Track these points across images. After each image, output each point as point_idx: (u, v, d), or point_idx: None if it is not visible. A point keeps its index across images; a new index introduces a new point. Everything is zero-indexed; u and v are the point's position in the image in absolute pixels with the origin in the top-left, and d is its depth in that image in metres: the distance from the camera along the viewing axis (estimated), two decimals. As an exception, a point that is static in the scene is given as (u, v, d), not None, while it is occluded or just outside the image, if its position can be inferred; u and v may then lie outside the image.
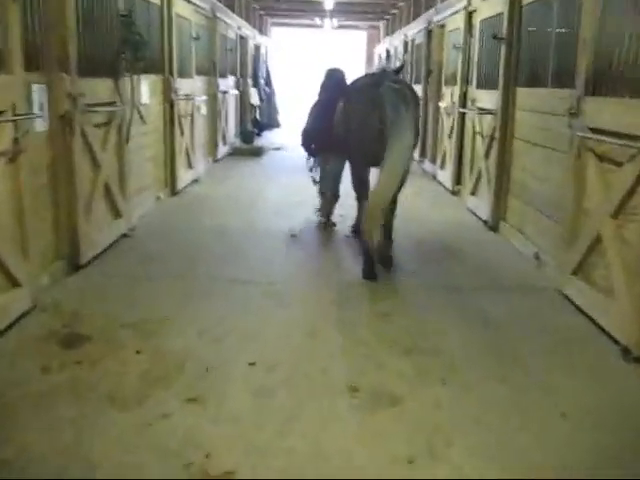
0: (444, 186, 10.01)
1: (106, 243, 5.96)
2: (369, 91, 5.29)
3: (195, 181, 9.83)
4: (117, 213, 6.28)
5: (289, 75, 28.72)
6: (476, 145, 8.18)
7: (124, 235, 6.45)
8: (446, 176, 9.91)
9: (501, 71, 7.01)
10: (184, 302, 4.68)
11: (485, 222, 7.41)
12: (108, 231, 6.03)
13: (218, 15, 11.67)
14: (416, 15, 14.94)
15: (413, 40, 14.11)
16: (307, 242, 6.56)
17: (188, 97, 9.27)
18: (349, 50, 28.47)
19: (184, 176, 9.18)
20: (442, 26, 10.91)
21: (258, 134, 17.17)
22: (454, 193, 9.42)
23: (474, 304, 4.88)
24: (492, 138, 7.38)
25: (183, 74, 9.08)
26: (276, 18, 22.98)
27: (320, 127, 6.74)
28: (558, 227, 5.36)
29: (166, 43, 8.24)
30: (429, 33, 12.11)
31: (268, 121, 19.67)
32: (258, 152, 13.43)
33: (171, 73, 8.38)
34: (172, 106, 8.47)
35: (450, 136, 9.80)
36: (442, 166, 10.41)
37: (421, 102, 12.21)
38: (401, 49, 15.93)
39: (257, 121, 17.23)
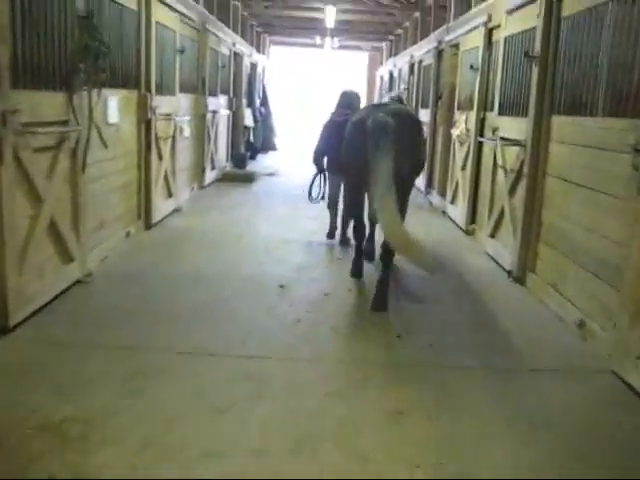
0: (456, 223, 8.90)
1: (50, 295, 4.83)
2: (359, 123, 5.29)
3: (176, 211, 8.72)
4: (68, 256, 5.15)
5: (287, 96, 27.76)
6: (497, 180, 7.09)
7: (78, 282, 5.32)
8: (458, 213, 8.80)
9: (532, 96, 5.93)
10: (126, 390, 3.52)
11: (509, 272, 6.28)
12: (53, 280, 4.89)
13: (209, 28, 10.62)
14: (424, 35, 13.94)
15: (420, 61, 13.09)
16: (299, 297, 5.41)
17: (169, 117, 8.17)
18: (350, 72, 27.54)
19: (162, 206, 8.06)
20: (455, 45, 9.87)
21: (252, 157, 16.12)
22: (468, 233, 8.31)
23: (513, 396, 3.74)
24: (519, 174, 6.28)
25: (164, 91, 7.99)
26: (275, 36, 22.02)
27: (330, 147, 6.85)
28: (615, 293, 4.24)
29: (143, 54, 7.15)
30: (439, 53, 11.10)
31: (263, 144, 18.61)
32: (250, 178, 12.34)
33: (148, 89, 7.28)
34: (149, 127, 7.36)
35: (463, 168, 8.71)
36: (453, 201, 9.31)
37: (428, 128, 11.23)
38: (406, 71, 14.92)
39: (251, 144, 16.15)
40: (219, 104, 12.11)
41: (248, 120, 15.67)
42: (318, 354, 4.21)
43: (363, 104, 7.67)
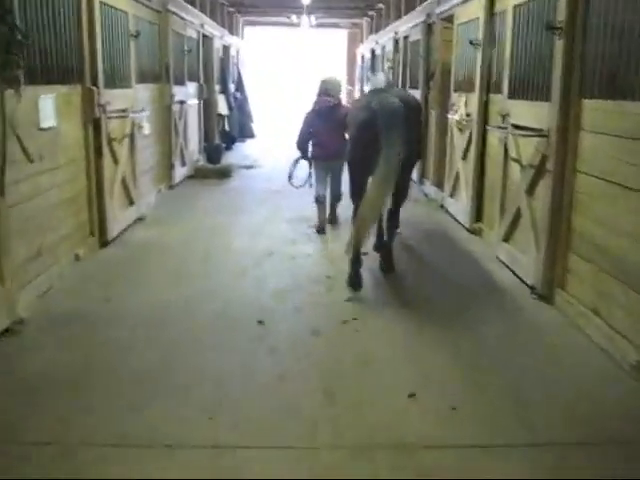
0: (457, 220, 7.85)
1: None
2: (366, 106, 5.31)
3: (139, 220, 7.62)
4: (-13, 301, 4.06)
5: (264, 79, 26.51)
6: (510, 176, 6.05)
7: (6, 331, 4.25)
8: (460, 209, 7.76)
9: (556, 75, 4.87)
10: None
11: (532, 288, 5.26)
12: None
13: (171, 8, 9.46)
14: (409, 8, 12.79)
15: (406, 37, 11.98)
16: (281, 338, 4.35)
17: (124, 113, 7.04)
18: (329, 51, 26.33)
19: (120, 218, 6.97)
20: (448, 18, 8.79)
21: (228, 147, 14.98)
22: (473, 232, 7.27)
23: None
24: (540, 170, 5.25)
25: (115, 83, 6.87)
26: (248, 16, 20.75)
27: (311, 135, 7.19)
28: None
29: (86, 42, 6.01)
30: (429, 28, 10.01)
31: (240, 131, 17.46)
32: (225, 173, 11.21)
33: (95, 82, 6.16)
34: (98, 127, 6.24)
35: (464, 158, 7.66)
36: (453, 194, 8.26)
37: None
38: (390, 48, 13.80)
39: (226, 133, 15.00)
40: (187, 93, 10.96)
41: (222, 108, 14.53)
42: (308, 436, 3.16)
43: (344, 87, 8.06)
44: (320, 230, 7.33)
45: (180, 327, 4.46)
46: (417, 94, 10.47)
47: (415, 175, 10.58)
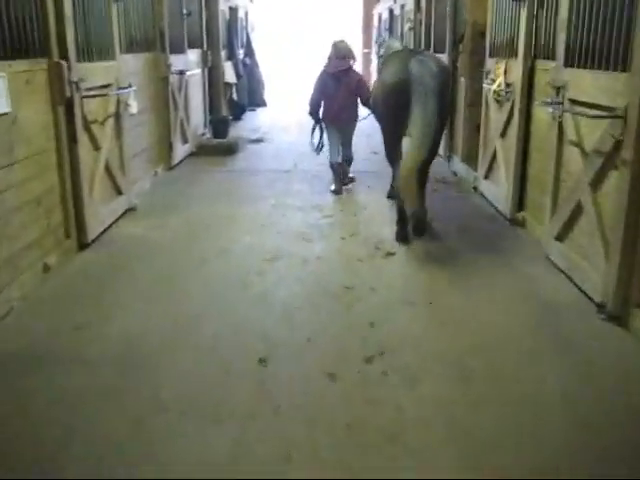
0: (495, 207, 6.81)
1: None
2: (399, 65, 5.40)
3: (130, 211, 6.64)
4: None
5: (275, 43, 25.23)
6: (567, 162, 4.98)
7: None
8: (499, 194, 6.69)
9: (638, 39, 3.78)
10: None
11: (599, 306, 4.23)
12: None
13: (164, -34, 8.34)
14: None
15: (431, -6, 10.80)
16: (287, 389, 3.37)
17: (105, 89, 6.02)
18: (343, 12, 24.96)
19: (104, 213, 6.00)
20: (481, -30, 7.61)
21: (237, 118, 13.93)
22: (516, 223, 6.23)
23: None
24: (611, 158, 4.18)
25: (94, 54, 5.84)
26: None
27: (326, 98, 7.23)
28: None
29: (50, 5, 4.96)
30: (457, -17, 8.83)
31: (251, 100, 16.37)
32: (231, 149, 10.17)
33: (64, 55, 5.12)
34: (70, 109, 5.23)
35: (503, 135, 6.58)
36: (488, 175, 7.19)
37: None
38: (411, 7, 12.58)
39: (235, 103, 13.91)
40: (188, 61, 9.88)
41: (229, 76, 13.41)
42: None
43: (357, 51, 7.99)
44: (336, 192, 7.50)
45: (156, 376, 3.48)
46: (443, 59, 9.35)
47: (441, 150, 9.52)
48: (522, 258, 5.32)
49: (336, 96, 7.15)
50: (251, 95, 16.49)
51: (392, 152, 5.89)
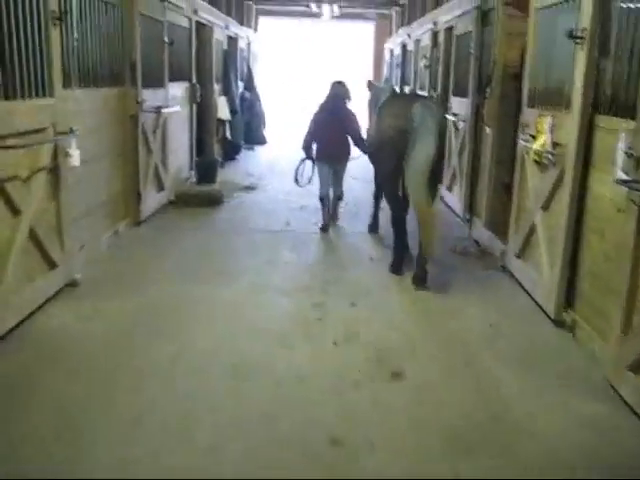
0: (531, 296, 5.35)
1: None
2: (400, 107, 5.79)
3: (69, 287, 5.21)
4: None
5: (280, 76, 24.00)
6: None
7: None
8: (537, 280, 5.25)
9: None
10: None
11: None
12: None
13: (138, -15, 7.01)
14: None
15: (450, 29, 9.49)
16: None
17: (36, 137, 4.61)
18: (353, 45, 23.75)
19: (24, 298, 4.56)
20: (518, 2, 6.25)
21: (231, 158, 12.58)
22: (561, 325, 4.76)
23: None
24: None
25: (16, 90, 4.44)
26: (262, 4, 18.26)
27: (320, 137, 7.40)
28: None
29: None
30: (484, 15, 7.51)
31: (250, 137, 15.04)
32: (215, 199, 8.75)
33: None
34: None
35: (547, 207, 5.15)
36: (523, 253, 5.74)
37: (465, 125, 7.72)
38: (427, 43, 11.27)
39: (228, 142, 12.54)
40: (168, 96, 8.51)
41: (223, 112, 12.06)
42: None
43: (354, 90, 7.82)
44: (324, 228, 7.53)
45: None
46: (464, 103, 8.00)
47: (459, 208, 8.13)
48: (577, 389, 3.85)
49: (328, 133, 7.30)
50: (250, 132, 15.17)
51: (388, 193, 6.23)
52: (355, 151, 7.52)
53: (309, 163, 7.59)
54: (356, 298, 5.26)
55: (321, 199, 7.58)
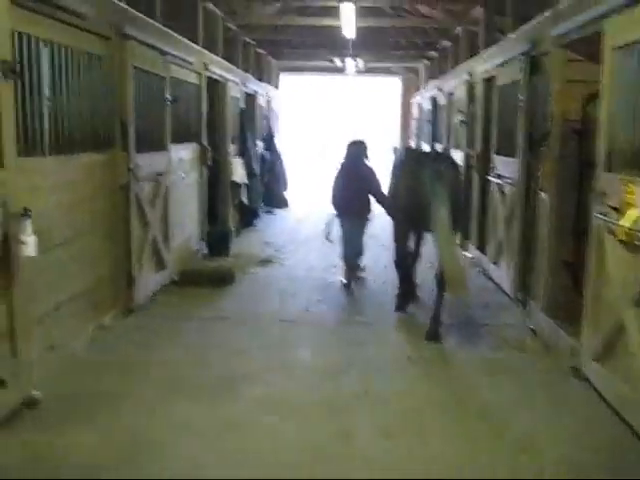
0: (622, 418, 4.07)
1: None
2: (415, 169, 5.96)
3: (26, 407, 4.06)
4: None
5: (303, 135, 23.13)
6: None
7: None
8: (632, 398, 3.96)
9: None
10: None
11: None
12: None
13: (130, 33, 6.02)
14: (491, 40, 9.29)
15: (489, 79, 8.41)
16: None
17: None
18: (379, 100, 22.86)
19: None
20: (581, 43, 5.14)
21: (250, 224, 11.51)
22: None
23: None
24: None
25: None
26: (282, 59, 17.46)
27: (341, 195, 7.45)
28: None
29: None
30: (534, 63, 6.41)
31: (269, 201, 14.01)
32: (224, 278, 7.59)
33: None
34: None
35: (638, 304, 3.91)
36: (606, 358, 4.47)
37: (513, 187, 6.56)
38: (462, 96, 10.19)
39: (244, 207, 11.47)
40: (173, 160, 7.49)
41: (239, 175, 11.03)
42: None
43: (371, 149, 7.81)
44: (346, 286, 7.51)
45: None
46: (513, 164, 6.85)
47: (508, 286, 6.92)
48: None
49: (347, 191, 7.37)
50: (269, 195, 14.16)
51: (398, 249, 6.54)
52: (376, 209, 7.49)
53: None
54: (392, 425, 4.02)
55: (343, 257, 7.61)
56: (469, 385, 4.77)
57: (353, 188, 7.32)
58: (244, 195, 11.36)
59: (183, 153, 8.20)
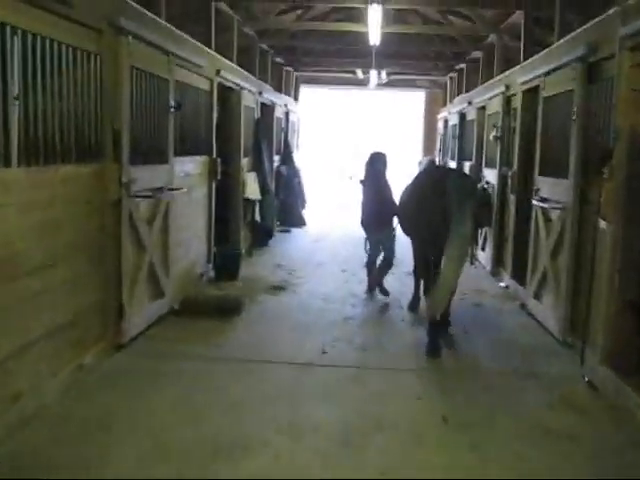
0: None
1: None
2: (436, 183, 5.87)
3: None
4: None
5: (323, 149, 22.31)
6: None
7: None
8: None
9: None
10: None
11: None
12: None
13: (126, 26, 5.20)
14: (529, 51, 8.45)
15: (531, 90, 7.54)
16: None
17: None
18: (401, 116, 22.02)
19: None
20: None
21: (263, 244, 10.68)
22: None
23: None
24: None
25: None
26: (303, 70, 16.67)
27: (364, 206, 7.66)
28: None
29: None
30: (593, 71, 5.53)
31: (285, 219, 13.18)
32: (231, 307, 6.74)
33: None
34: None
35: None
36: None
37: (566, 216, 5.63)
38: (497, 109, 9.32)
39: (258, 225, 10.62)
40: (176, 174, 6.67)
41: (252, 190, 10.18)
42: None
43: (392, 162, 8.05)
44: (369, 291, 7.76)
45: None
46: (562, 187, 5.97)
47: (554, 325, 6.02)
48: None
49: (369, 204, 7.53)
50: (286, 213, 13.33)
51: (422, 266, 6.33)
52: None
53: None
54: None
55: (367, 265, 7.90)
56: (523, 457, 3.86)
57: (374, 202, 7.46)
58: (257, 213, 10.51)
59: (190, 166, 7.38)
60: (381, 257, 7.72)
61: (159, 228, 6.20)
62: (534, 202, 6.94)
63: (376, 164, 7.64)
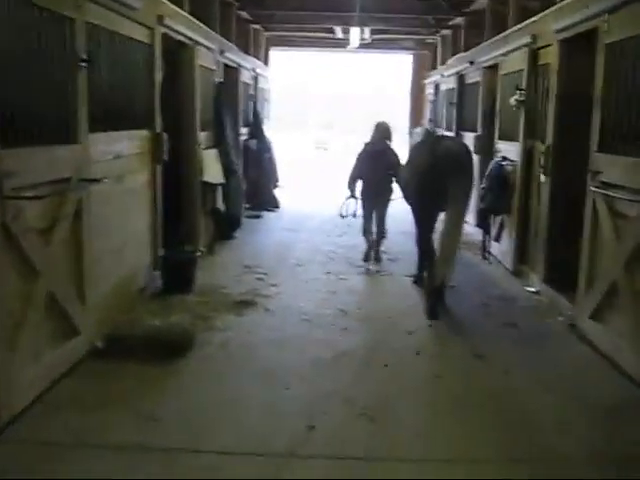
0: None
1: None
2: (431, 154, 5.98)
3: None
4: None
5: (295, 121, 20.26)
6: None
7: None
8: None
9: None
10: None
11: None
12: None
13: None
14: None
15: (578, 38, 5.63)
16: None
17: None
18: (386, 81, 20.00)
19: None
20: None
21: (228, 237, 8.72)
22: None
23: None
24: None
25: None
26: (275, 29, 14.55)
27: (364, 176, 7.64)
28: None
29: None
30: None
31: (253, 203, 11.23)
32: (177, 345, 4.78)
33: None
34: None
35: None
36: None
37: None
38: (519, 66, 7.42)
39: (221, 215, 8.61)
40: (89, 159, 4.65)
41: (212, 172, 8.18)
42: None
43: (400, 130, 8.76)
44: (365, 259, 7.86)
45: None
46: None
47: (631, 362, 4.12)
48: None
49: (373, 175, 7.52)
50: (256, 194, 11.39)
51: (424, 233, 6.29)
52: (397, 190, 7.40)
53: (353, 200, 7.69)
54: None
55: (364, 233, 7.86)
56: None
57: (377, 170, 7.48)
58: (219, 199, 8.50)
59: (121, 145, 5.41)
60: (374, 228, 7.82)
61: (63, 239, 4.21)
62: (592, 188, 5.07)
63: (380, 134, 7.75)
